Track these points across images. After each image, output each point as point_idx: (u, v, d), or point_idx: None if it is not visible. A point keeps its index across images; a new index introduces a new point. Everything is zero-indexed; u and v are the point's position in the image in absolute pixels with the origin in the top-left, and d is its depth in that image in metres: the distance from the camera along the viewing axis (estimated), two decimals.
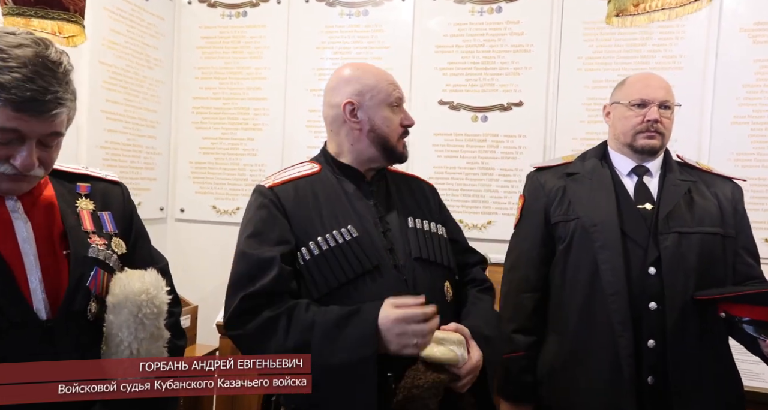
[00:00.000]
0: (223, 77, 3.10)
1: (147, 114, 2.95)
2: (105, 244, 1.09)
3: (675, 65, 2.56)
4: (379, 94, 1.34)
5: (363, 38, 2.93)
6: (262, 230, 1.28)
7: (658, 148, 1.57)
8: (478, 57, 2.80)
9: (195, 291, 3.03)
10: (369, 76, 1.36)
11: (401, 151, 1.38)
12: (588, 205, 1.57)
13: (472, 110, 2.81)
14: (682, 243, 1.48)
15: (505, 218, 2.76)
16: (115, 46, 2.69)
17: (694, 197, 1.55)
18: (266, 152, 3.06)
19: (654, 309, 1.47)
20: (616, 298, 1.47)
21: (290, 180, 1.35)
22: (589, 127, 2.67)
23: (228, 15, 3.10)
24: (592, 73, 2.67)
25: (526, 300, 1.64)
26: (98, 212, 1.12)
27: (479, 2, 2.79)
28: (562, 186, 1.64)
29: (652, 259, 1.48)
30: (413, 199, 1.47)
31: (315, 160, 1.43)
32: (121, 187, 1.22)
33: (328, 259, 1.25)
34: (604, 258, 1.50)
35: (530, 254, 1.66)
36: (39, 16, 1.31)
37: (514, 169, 2.76)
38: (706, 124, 2.53)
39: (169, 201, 3.18)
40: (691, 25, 2.54)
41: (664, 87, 1.58)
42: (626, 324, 1.45)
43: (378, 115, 1.34)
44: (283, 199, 1.30)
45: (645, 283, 1.48)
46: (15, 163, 0.93)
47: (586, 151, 1.73)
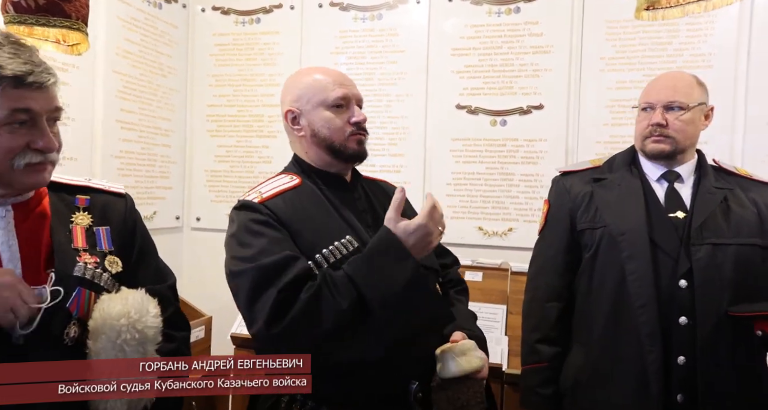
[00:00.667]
0: (237, 84, 3.08)
1: (161, 122, 2.94)
2: (96, 262, 1.03)
3: (704, 63, 2.45)
4: (315, 96, 1.28)
5: (377, 42, 2.88)
6: (269, 246, 1.17)
7: (668, 151, 1.49)
8: (496, 59, 2.72)
9: (210, 301, 2.99)
10: (306, 79, 1.30)
11: (355, 149, 1.29)
12: (616, 213, 1.49)
13: (490, 114, 2.73)
14: (716, 255, 1.39)
15: (526, 225, 2.67)
16: (130, 55, 2.68)
17: (731, 205, 1.46)
18: (281, 159, 2.97)
19: (684, 324, 1.38)
20: (644, 311, 1.39)
21: (277, 194, 1.25)
22: (613, 130, 2.58)
23: (241, 22, 3.07)
24: (616, 73, 2.57)
25: (550, 309, 1.58)
26: (94, 227, 1.08)
27: (496, 3, 2.72)
28: (588, 191, 1.56)
29: (684, 271, 1.40)
30: (389, 203, 1.42)
31: (290, 172, 1.34)
32: (125, 200, 1.17)
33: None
34: (631, 269, 1.42)
35: (555, 261, 1.60)
36: (41, 23, 1.29)
37: (535, 174, 2.67)
38: (739, 124, 2.41)
39: (184, 209, 3.16)
40: (721, 21, 2.43)
41: (671, 86, 1.48)
42: (655, 339, 1.38)
43: (316, 117, 1.28)
44: (279, 214, 1.22)
45: (675, 296, 1.40)
46: (38, 146, 0.93)
47: (615, 155, 1.65)
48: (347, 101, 1.29)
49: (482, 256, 2.65)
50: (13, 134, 0.91)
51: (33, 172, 0.95)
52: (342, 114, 1.28)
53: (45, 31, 1.32)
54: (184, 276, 3.17)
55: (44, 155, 0.96)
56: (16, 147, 0.92)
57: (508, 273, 2.52)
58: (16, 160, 0.93)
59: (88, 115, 2.45)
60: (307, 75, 1.33)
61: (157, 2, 2.88)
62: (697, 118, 1.49)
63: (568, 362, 1.55)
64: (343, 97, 1.28)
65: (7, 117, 0.90)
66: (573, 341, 1.56)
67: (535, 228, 2.67)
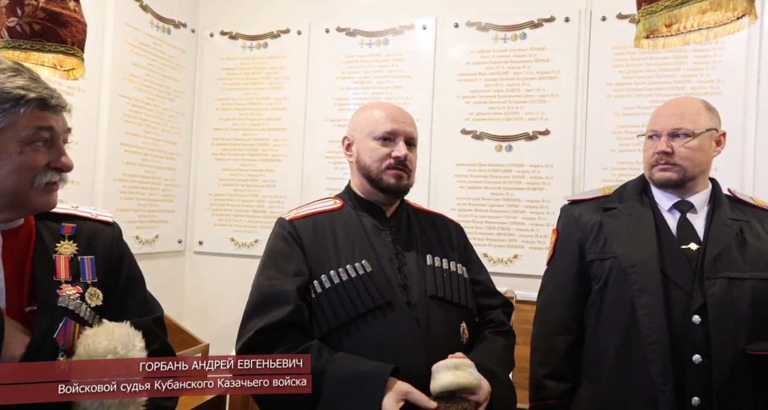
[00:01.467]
0: (243, 108, 3.09)
1: (167, 146, 2.94)
2: (78, 293, 1.01)
3: (713, 90, 2.42)
4: (367, 127, 1.36)
5: (383, 67, 2.88)
6: (279, 261, 1.29)
7: (675, 180, 1.43)
8: (502, 85, 2.71)
9: (209, 327, 2.96)
10: (367, 112, 1.40)
11: (391, 183, 1.35)
12: (626, 243, 1.43)
13: (496, 139, 2.70)
14: (732, 290, 1.32)
15: (532, 252, 2.62)
16: (136, 79, 2.70)
17: (747, 238, 1.39)
18: (285, 183, 3.00)
19: (699, 362, 1.31)
20: (655, 348, 1.32)
21: (310, 214, 1.37)
22: (620, 156, 2.54)
23: (249, 46, 3.10)
24: (623, 99, 2.55)
25: (558, 342, 1.52)
26: (79, 256, 1.05)
27: (503, 29, 2.72)
28: (598, 221, 1.51)
29: (697, 306, 1.33)
30: (436, 236, 1.45)
31: (339, 197, 1.45)
32: (113, 228, 1.15)
33: (339, 293, 1.25)
34: (642, 303, 1.36)
35: (563, 293, 1.54)
36: (36, 49, 1.29)
37: (540, 201, 2.63)
38: (750, 152, 2.37)
39: (187, 233, 3.14)
40: (730, 48, 2.41)
41: (677, 113, 1.43)
42: (667, 377, 1.30)
43: (364, 146, 1.36)
44: (301, 232, 1.32)
45: (688, 333, 1.32)
46: (58, 164, 0.97)
47: (626, 184, 1.59)
48: (394, 136, 1.35)
49: None
50: (36, 153, 0.94)
51: (48, 192, 0.97)
52: (387, 147, 1.35)
53: (40, 57, 1.33)
54: (186, 301, 3.14)
55: (60, 174, 0.98)
56: (39, 165, 0.94)
57: (512, 301, 2.46)
58: (38, 178, 0.95)
59: (92, 139, 2.46)
60: (368, 109, 1.42)
61: (166, 27, 2.92)
62: (707, 145, 1.43)
63: (577, 398, 1.49)
64: (391, 132, 1.34)
65: (32, 135, 0.93)
66: (583, 376, 1.50)
67: (541, 256, 2.63)
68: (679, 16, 1.14)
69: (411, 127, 1.39)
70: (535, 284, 2.61)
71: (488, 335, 1.41)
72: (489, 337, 1.40)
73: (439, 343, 1.26)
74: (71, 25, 1.34)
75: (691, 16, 1.13)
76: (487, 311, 1.46)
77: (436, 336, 1.27)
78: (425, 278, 1.32)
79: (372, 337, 1.22)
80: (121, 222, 2.11)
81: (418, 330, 1.24)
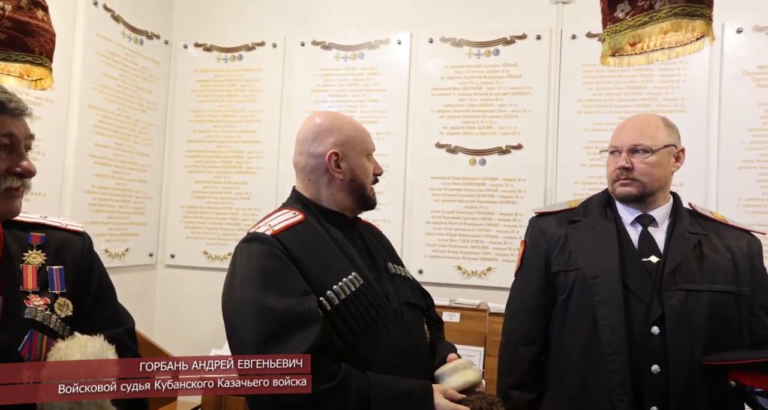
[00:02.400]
0: (217, 120, 3.07)
1: (138, 158, 2.90)
2: (47, 304, 0.99)
3: (678, 108, 2.50)
4: (360, 144, 1.36)
5: (359, 81, 2.90)
6: (282, 280, 1.18)
7: (635, 195, 1.46)
8: (476, 99, 2.75)
9: (180, 342, 2.90)
10: (349, 126, 1.38)
11: (373, 198, 1.39)
12: (589, 256, 1.46)
13: (470, 153, 2.74)
14: (689, 302, 1.35)
15: (505, 265, 2.65)
16: (107, 89, 2.66)
17: (705, 251, 1.43)
18: (260, 196, 2.98)
19: (657, 372, 1.33)
20: (615, 358, 1.35)
21: (287, 227, 1.26)
22: (590, 171, 2.59)
23: (223, 59, 3.09)
24: (592, 115, 2.61)
25: (523, 353, 1.54)
26: (48, 267, 1.03)
27: (476, 45, 2.77)
28: (563, 233, 1.54)
29: (656, 317, 1.35)
30: (381, 245, 1.47)
31: (291, 207, 1.35)
32: (83, 238, 1.13)
33: (348, 308, 1.19)
34: (603, 314, 1.38)
35: (529, 304, 1.56)
36: (1, 58, 1.27)
37: (514, 214, 2.66)
38: (713, 168, 2.45)
39: (159, 246, 3.09)
40: (693, 68, 2.49)
41: (637, 130, 1.47)
42: (626, 387, 1.33)
43: (358, 164, 1.35)
44: (289, 247, 1.22)
45: (647, 343, 1.35)
46: (18, 169, 0.94)
47: (591, 197, 1.63)
48: (372, 153, 1.40)
49: (461, 296, 2.61)
50: None
51: (10, 198, 0.94)
52: (371, 164, 1.39)
53: (6, 66, 1.30)
54: (156, 315, 3.07)
55: (22, 180, 0.96)
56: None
57: (486, 313, 2.48)
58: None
59: (60, 150, 2.41)
60: (346, 122, 1.38)
61: (139, 38, 2.89)
62: (665, 160, 1.46)
63: (543, 407, 1.51)
64: (374, 149, 1.39)
65: None
66: (548, 385, 1.52)
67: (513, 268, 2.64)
68: (642, 35, 1.18)
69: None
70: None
71: (437, 334, 1.47)
72: (439, 336, 1.47)
73: (422, 346, 1.32)
74: (39, 34, 1.31)
75: (654, 35, 1.17)
76: (428, 310, 1.50)
77: (418, 339, 1.32)
78: (397, 286, 1.35)
79: (379, 348, 1.21)
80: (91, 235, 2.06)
81: (408, 336, 1.27)
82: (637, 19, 1.17)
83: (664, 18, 1.12)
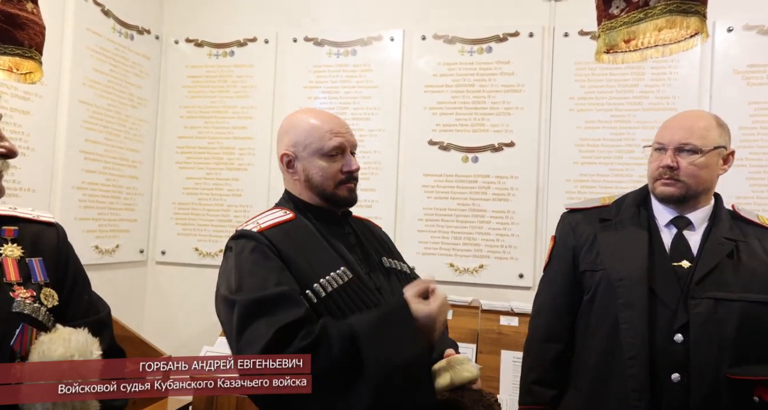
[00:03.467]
0: (209, 116, 3.05)
1: (129, 154, 2.88)
2: (33, 296, 0.97)
3: (669, 106, 2.51)
4: (312, 144, 1.31)
5: (351, 77, 2.89)
6: (268, 273, 1.18)
7: (677, 196, 1.39)
8: (469, 97, 2.75)
9: (170, 339, 2.88)
10: (304, 125, 1.33)
11: (344, 196, 1.33)
12: (616, 257, 1.41)
13: (462, 150, 2.74)
14: (718, 311, 1.29)
15: (497, 262, 2.65)
16: (97, 85, 2.63)
17: (743, 257, 1.35)
18: (251, 192, 2.97)
19: (677, 381, 1.29)
20: (634, 363, 1.31)
21: (276, 224, 1.28)
22: (582, 169, 2.61)
23: (215, 54, 3.06)
24: (585, 113, 2.62)
25: (546, 349, 1.52)
26: (27, 258, 1.01)
27: (469, 42, 2.77)
28: (593, 232, 1.49)
29: (680, 325, 1.31)
30: (376, 239, 1.46)
31: (283, 207, 1.36)
32: (56, 229, 1.11)
33: (335, 301, 1.20)
34: (625, 318, 1.34)
35: (555, 301, 1.53)
36: None
37: (506, 211, 2.67)
38: None
39: (150, 243, 3.06)
40: (684, 67, 2.51)
41: (687, 127, 1.38)
42: (642, 394, 1.29)
43: (312, 165, 1.31)
44: (276, 243, 1.23)
45: (669, 351, 1.30)
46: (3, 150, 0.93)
47: (627, 194, 1.55)
48: (342, 150, 1.32)
49: (453, 293, 2.61)
50: None
51: None
52: (336, 162, 1.31)
53: None
54: (147, 312, 3.05)
55: (4, 160, 0.95)
56: None
57: (478, 311, 2.49)
58: None
59: (49, 146, 2.38)
60: (304, 120, 1.34)
61: (129, 33, 2.86)
62: (713, 163, 1.38)
63: (562, 406, 1.49)
64: (338, 147, 1.31)
65: None
66: (570, 383, 1.50)
67: (506, 266, 2.67)
68: (637, 32, 1.18)
69: (352, 135, 1.37)
70: (501, 294, 2.65)
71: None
72: (442, 332, 1.44)
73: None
74: (28, 27, 1.29)
75: (648, 32, 1.17)
76: None
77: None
78: (390, 280, 1.34)
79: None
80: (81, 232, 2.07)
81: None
82: (632, 15, 1.17)
83: (659, 15, 1.12)
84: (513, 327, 2.38)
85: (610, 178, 2.57)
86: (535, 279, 2.61)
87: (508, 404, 2.07)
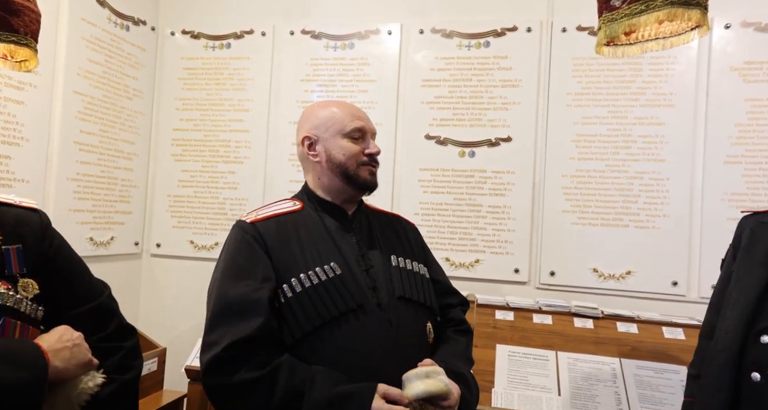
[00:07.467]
0: (205, 109, 3.03)
1: (124, 145, 2.86)
2: (8, 288, 0.94)
3: (666, 102, 2.52)
4: (334, 125, 1.35)
5: (348, 71, 2.88)
6: (244, 267, 1.22)
7: None
8: (466, 91, 2.75)
9: (166, 331, 2.87)
10: (326, 110, 1.38)
11: (365, 178, 1.36)
12: (744, 259, 1.45)
13: (459, 145, 2.73)
14: None
15: (493, 256, 2.66)
16: (92, 75, 2.61)
17: None
18: (247, 186, 2.96)
19: (757, 380, 1.29)
20: (719, 355, 1.35)
21: (272, 216, 1.32)
22: (579, 164, 2.61)
23: (211, 47, 3.04)
24: (582, 109, 2.62)
25: (703, 345, 1.57)
26: (4, 247, 0.97)
27: (467, 37, 2.76)
28: (748, 233, 1.50)
29: (764, 326, 1.32)
30: (395, 237, 1.44)
31: (297, 198, 1.41)
32: (39, 215, 1.08)
33: (311, 297, 1.20)
34: (730, 315, 1.39)
35: (717, 297, 1.57)
36: None
37: (502, 206, 2.67)
38: (699, 163, 2.47)
39: (144, 235, 3.05)
40: (681, 63, 2.51)
41: None
42: (721, 388, 1.32)
43: (334, 145, 1.34)
44: (265, 235, 1.26)
45: (754, 350, 1.32)
46: None
47: None
48: (363, 133, 1.36)
49: None
50: None
51: None
52: (358, 144, 1.35)
53: None
54: (142, 305, 3.04)
55: None
56: None
57: (474, 305, 2.49)
58: None
59: (44, 136, 2.36)
60: (325, 108, 1.39)
61: (125, 24, 2.83)
62: None
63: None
64: (359, 129, 1.35)
65: None
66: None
67: (501, 260, 2.67)
68: (638, 24, 1.18)
69: (372, 124, 1.41)
70: (496, 288, 2.65)
71: (452, 335, 1.41)
72: (453, 337, 1.41)
73: (410, 344, 1.26)
74: (24, 13, 1.27)
75: (649, 24, 1.17)
76: (447, 309, 1.47)
77: (406, 337, 1.26)
78: (392, 279, 1.31)
79: (345, 341, 1.19)
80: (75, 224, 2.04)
81: (390, 332, 1.23)
82: (633, 7, 1.16)
83: (661, 7, 1.12)
84: (508, 321, 2.38)
85: (607, 173, 2.57)
86: (530, 274, 2.62)
87: (502, 397, 2.07)
